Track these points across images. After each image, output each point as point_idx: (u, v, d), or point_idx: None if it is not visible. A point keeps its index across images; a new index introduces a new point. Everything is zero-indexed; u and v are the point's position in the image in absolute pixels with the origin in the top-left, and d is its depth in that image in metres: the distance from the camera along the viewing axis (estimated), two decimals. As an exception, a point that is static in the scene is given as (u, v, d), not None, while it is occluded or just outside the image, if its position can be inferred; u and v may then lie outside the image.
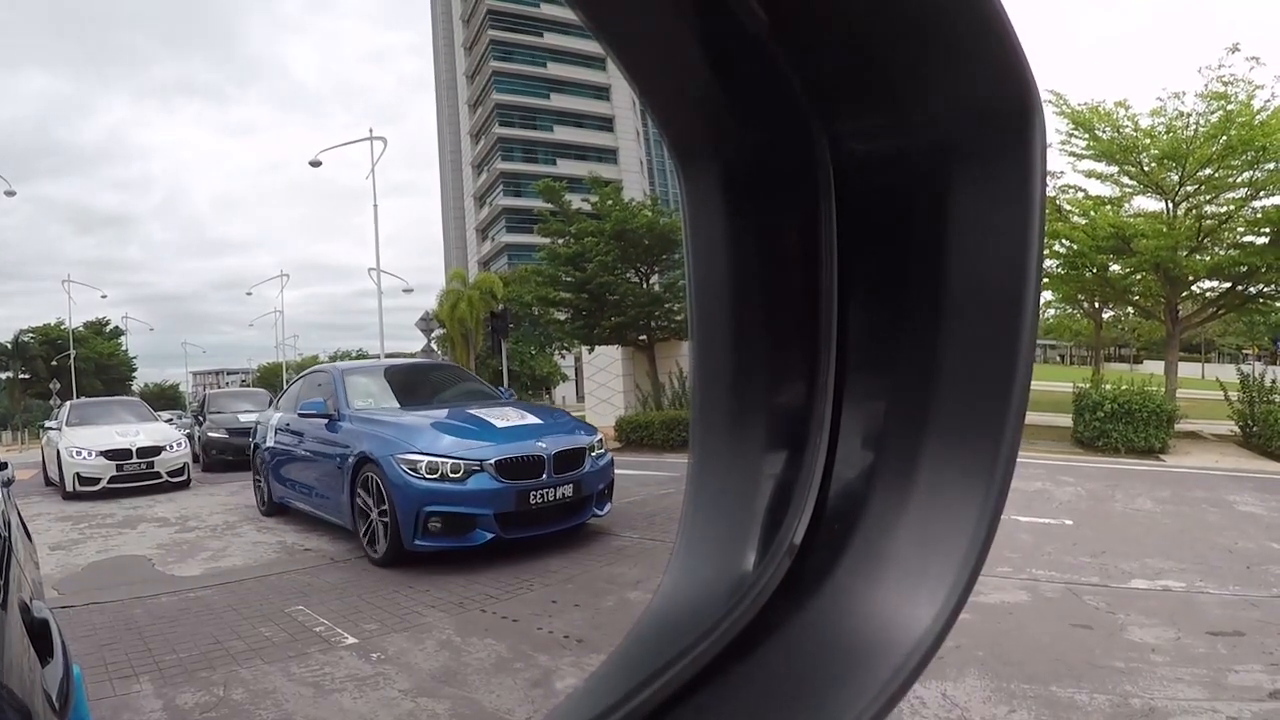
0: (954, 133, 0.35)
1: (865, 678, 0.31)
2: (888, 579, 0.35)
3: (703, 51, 0.38)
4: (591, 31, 0.35)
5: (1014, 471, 0.34)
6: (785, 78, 0.37)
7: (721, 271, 0.42)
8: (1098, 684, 2.80)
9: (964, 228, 0.35)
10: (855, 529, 0.38)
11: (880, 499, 0.38)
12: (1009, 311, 0.34)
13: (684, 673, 0.32)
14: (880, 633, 0.33)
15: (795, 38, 0.36)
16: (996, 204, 0.34)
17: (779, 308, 0.42)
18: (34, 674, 0.83)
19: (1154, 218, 15.78)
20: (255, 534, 7.24)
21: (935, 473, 0.36)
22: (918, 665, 0.32)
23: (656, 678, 0.31)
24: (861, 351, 0.40)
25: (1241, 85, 14.12)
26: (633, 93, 0.39)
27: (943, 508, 0.35)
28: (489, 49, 65.43)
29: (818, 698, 0.32)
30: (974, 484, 0.34)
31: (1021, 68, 0.32)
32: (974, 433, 0.35)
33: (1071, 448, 11.11)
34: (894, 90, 0.36)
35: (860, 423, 0.40)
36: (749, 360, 0.43)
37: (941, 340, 0.36)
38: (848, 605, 0.35)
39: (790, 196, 0.40)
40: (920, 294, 0.37)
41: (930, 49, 0.33)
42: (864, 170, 0.39)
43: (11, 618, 0.88)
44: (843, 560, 0.37)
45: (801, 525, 0.39)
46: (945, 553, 0.34)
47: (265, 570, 5.76)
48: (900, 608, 0.34)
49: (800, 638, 0.35)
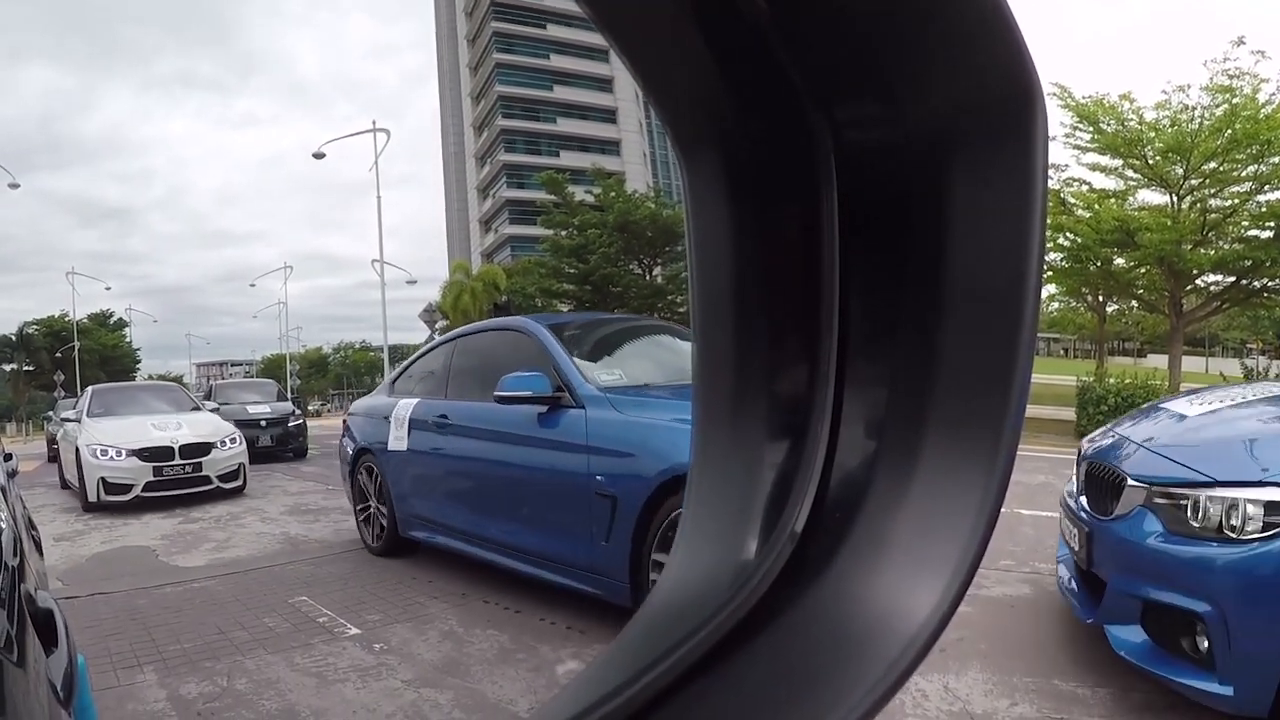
0: (955, 121, 0.35)
1: (866, 664, 0.32)
2: (889, 567, 0.35)
3: (704, 42, 0.38)
4: (594, 23, 0.35)
5: (1015, 462, 0.35)
6: (786, 67, 0.38)
7: (723, 260, 0.43)
8: (1100, 677, 2.81)
9: (965, 216, 0.35)
10: (857, 517, 0.38)
11: (881, 487, 0.38)
12: (1010, 300, 0.34)
13: (685, 659, 0.32)
14: (881, 620, 0.34)
15: (796, 27, 0.36)
16: (998, 192, 0.34)
17: (780, 296, 0.42)
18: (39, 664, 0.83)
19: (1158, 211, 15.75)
20: (259, 525, 7.28)
21: (936, 461, 0.36)
22: (919, 653, 0.32)
23: (657, 664, 0.31)
24: (863, 340, 0.40)
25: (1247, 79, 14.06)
26: (635, 84, 0.39)
27: (943, 497, 0.35)
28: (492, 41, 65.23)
29: (819, 683, 0.32)
30: (975, 473, 0.35)
31: (1022, 55, 0.32)
32: (975, 422, 0.35)
33: (1075, 441, 11.09)
34: (895, 79, 0.36)
35: (862, 411, 0.40)
36: (750, 349, 0.43)
37: (943, 328, 0.36)
38: (849, 592, 0.36)
39: (792, 185, 0.40)
40: (921, 281, 0.37)
41: (931, 36, 0.33)
42: (865, 159, 0.39)
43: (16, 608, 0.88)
44: (844, 548, 0.37)
45: (803, 512, 0.39)
46: (946, 542, 0.34)
47: (269, 561, 5.79)
48: (901, 595, 0.34)
49: (801, 624, 0.35)
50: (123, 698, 3.13)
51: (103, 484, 8.34)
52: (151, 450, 8.63)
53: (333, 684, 3.23)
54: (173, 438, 8.84)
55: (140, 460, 8.51)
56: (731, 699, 0.33)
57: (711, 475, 0.42)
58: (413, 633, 3.84)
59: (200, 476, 8.87)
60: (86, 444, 8.60)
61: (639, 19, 0.37)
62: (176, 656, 3.62)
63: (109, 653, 3.67)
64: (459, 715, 2.90)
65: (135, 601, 4.70)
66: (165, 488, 8.61)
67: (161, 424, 9.23)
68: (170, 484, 8.66)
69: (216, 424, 9.85)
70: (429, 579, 4.85)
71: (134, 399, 10.56)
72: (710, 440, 0.43)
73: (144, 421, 9.28)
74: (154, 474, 8.54)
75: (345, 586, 4.83)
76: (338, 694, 3.12)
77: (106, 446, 8.54)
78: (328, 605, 4.36)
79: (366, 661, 3.47)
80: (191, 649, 3.72)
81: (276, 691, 3.16)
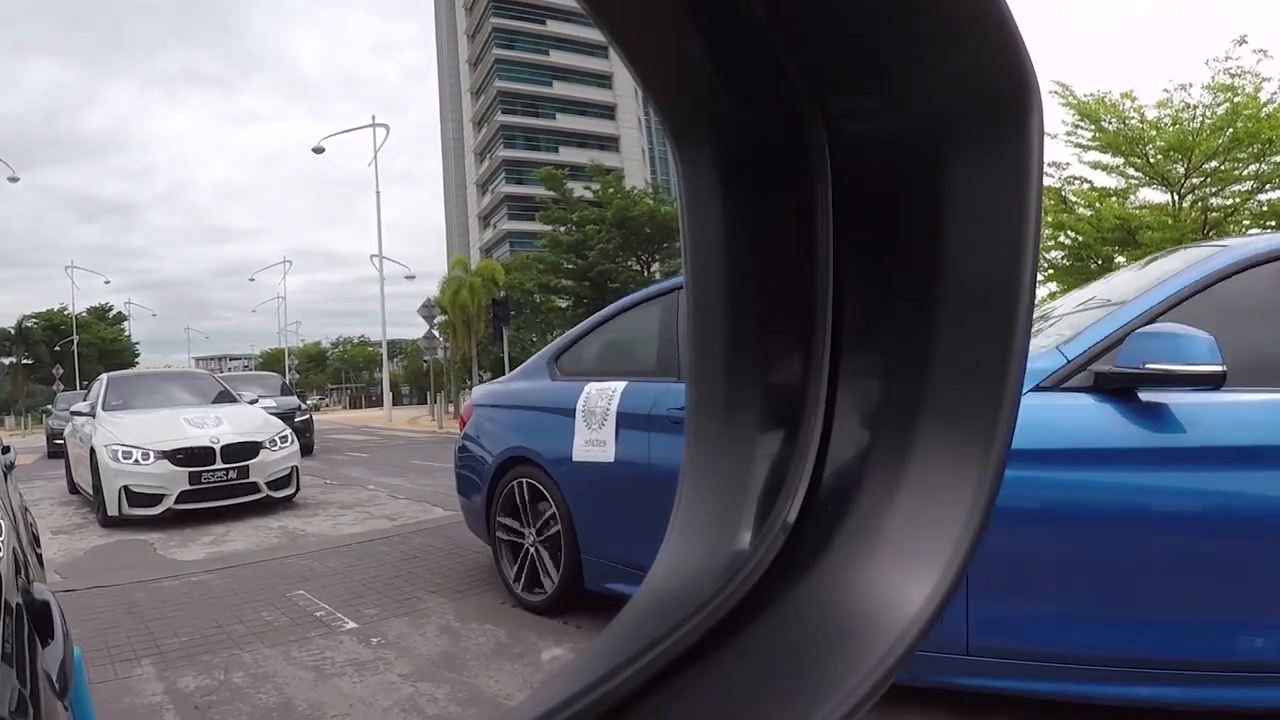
0: (950, 112, 0.35)
1: (857, 656, 0.32)
2: (881, 559, 0.36)
3: (699, 34, 0.38)
4: (589, 15, 0.35)
5: (1009, 454, 0.35)
6: (781, 60, 0.38)
7: (717, 253, 0.43)
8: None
9: (960, 209, 0.35)
10: (849, 509, 0.38)
11: (874, 479, 0.38)
12: (1005, 293, 0.34)
13: (672, 649, 0.32)
14: (872, 612, 0.34)
15: (790, 19, 0.36)
16: (993, 185, 0.34)
17: (774, 289, 0.42)
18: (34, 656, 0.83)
19: (1159, 210, 15.76)
20: (257, 519, 7.27)
21: (929, 454, 0.36)
22: (910, 645, 0.32)
23: (644, 654, 0.31)
24: (856, 332, 0.40)
25: (1248, 78, 14.05)
26: (631, 77, 0.39)
27: (936, 489, 0.35)
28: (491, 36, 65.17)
29: (809, 675, 0.32)
30: (968, 467, 0.35)
31: (1018, 48, 0.32)
32: (969, 415, 0.35)
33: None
34: (889, 70, 0.36)
35: (855, 403, 0.40)
36: (744, 340, 0.43)
37: (937, 322, 0.36)
38: (841, 583, 0.36)
39: (786, 178, 0.40)
40: (915, 274, 0.37)
41: (927, 29, 0.33)
42: (859, 151, 0.39)
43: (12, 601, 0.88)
44: (836, 539, 0.37)
45: (795, 504, 0.39)
46: (939, 534, 0.34)
47: (267, 555, 5.80)
48: (893, 588, 0.34)
49: (792, 615, 0.35)
50: (120, 691, 3.13)
51: (126, 494, 6.81)
52: (188, 452, 7.05)
53: (330, 678, 3.24)
54: (213, 436, 7.26)
55: (173, 465, 6.95)
56: (720, 689, 0.33)
57: (704, 466, 0.43)
58: (410, 627, 3.85)
59: (247, 484, 7.29)
60: (105, 444, 7.00)
61: (636, 13, 0.37)
62: (174, 650, 3.63)
63: (106, 646, 3.68)
64: (455, 709, 2.90)
65: (133, 595, 4.71)
66: (204, 498, 7.06)
67: (197, 419, 7.59)
68: (210, 493, 7.10)
69: (263, 419, 8.23)
70: (426, 574, 4.86)
71: (158, 389, 8.81)
72: (703, 431, 0.43)
73: (174, 417, 7.68)
74: (190, 481, 6.99)
75: (342, 581, 4.84)
76: (335, 688, 3.12)
77: (130, 447, 6.94)
78: (325, 599, 4.37)
79: (364, 655, 3.48)
80: (189, 642, 3.73)
81: (274, 685, 3.16)
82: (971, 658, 2.37)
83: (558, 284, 22.50)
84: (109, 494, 6.86)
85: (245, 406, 8.79)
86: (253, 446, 7.41)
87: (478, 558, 5.11)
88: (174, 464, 6.97)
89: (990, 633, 2.37)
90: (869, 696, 0.30)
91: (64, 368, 47.27)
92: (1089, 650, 2.33)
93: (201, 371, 12.23)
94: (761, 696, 0.32)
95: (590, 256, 19.85)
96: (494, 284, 28.66)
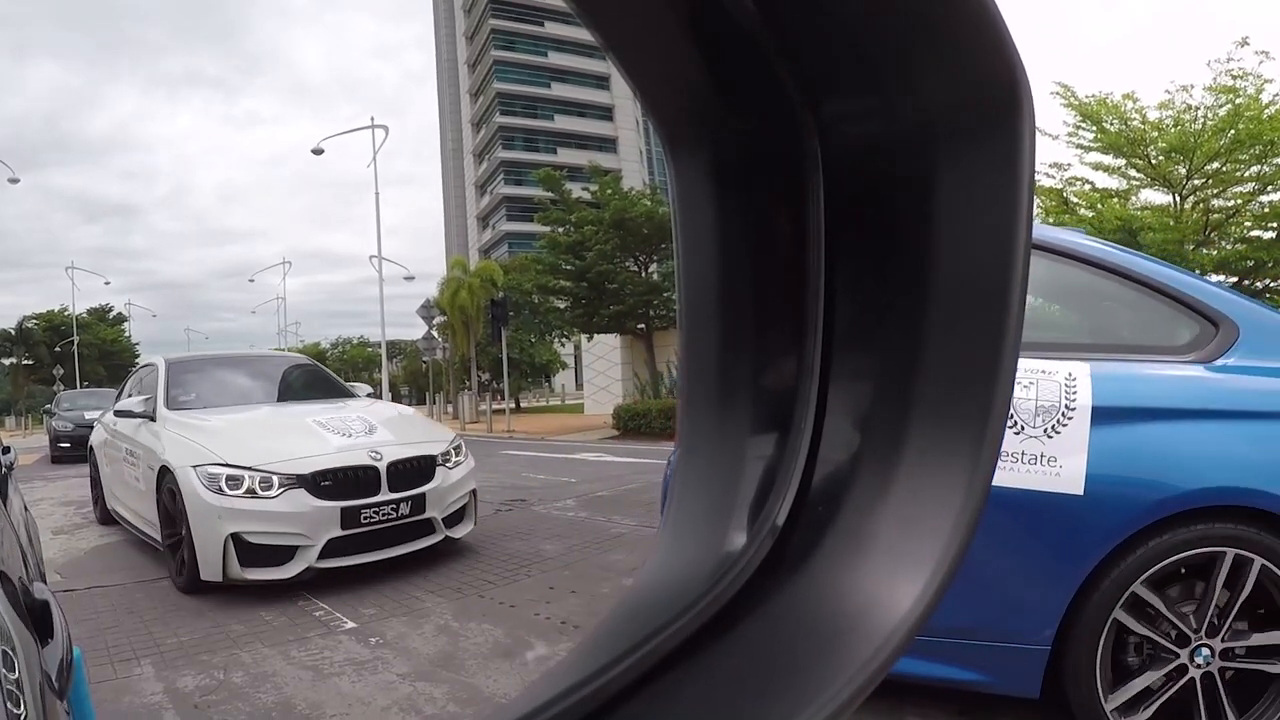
0: (942, 114, 0.35)
1: (844, 655, 0.32)
2: (870, 560, 0.36)
3: (691, 39, 0.38)
4: (580, 19, 0.35)
5: (999, 456, 0.35)
6: (773, 64, 0.38)
7: (710, 255, 0.43)
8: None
9: (952, 210, 0.36)
10: (839, 510, 0.38)
11: (864, 481, 0.38)
12: (996, 295, 0.34)
13: (661, 648, 0.32)
14: (861, 613, 0.34)
15: (783, 23, 0.36)
16: (985, 187, 0.34)
17: (766, 291, 0.43)
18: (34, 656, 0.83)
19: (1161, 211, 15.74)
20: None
21: (920, 456, 0.36)
22: (898, 647, 0.32)
23: (633, 652, 0.31)
24: (848, 334, 0.40)
25: (1250, 79, 14.03)
26: (626, 83, 0.40)
27: (926, 491, 0.35)
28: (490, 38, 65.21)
29: (797, 675, 0.32)
30: (958, 468, 0.35)
31: (1009, 51, 0.32)
32: (959, 417, 0.35)
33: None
34: (881, 74, 0.36)
35: (846, 405, 0.40)
36: (736, 342, 0.43)
37: (928, 323, 0.37)
38: (829, 584, 0.36)
39: (778, 180, 0.41)
40: (907, 276, 0.37)
41: (918, 33, 0.33)
42: (851, 154, 0.39)
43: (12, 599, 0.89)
44: (825, 541, 0.37)
45: (785, 506, 0.39)
46: (927, 536, 0.34)
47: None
48: (882, 589, 0.34)
49: (780, 616, 0.36)
50: (120, 690, 3.13)
51: (237, 546, 4.24)
52: (337, 475, 4.46)
53: (329, 677, 3.24)
54: (372, 449, 4.62)
55: (315, 497, 4.37)
56: (708, 687, 0.33)
57: (696, 466, 0.43)
58: (408, 627, 3.85)
59: (421, 522, 4.75)
60: (194, 463, 4.39)
61: (630, 20, 0.37)
62: (173, 650, 3.63)
63: (107, 645, 3.68)
64: (453, 709, 2.91)
65: (133, 595, 4.71)
66: (362, 548, 4.52)
67: (336, 422, 4.89)
68: (371, 539, 4.54)
69: (425, 423, 5.80)
70: (425, 574, 4.86)
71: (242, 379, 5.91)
72: (695, 432, 0.43)
73: (301, 418, 5.03)
74: (345, 523, 4.41)
75: (342, 580, 4.84)
76: (333, 687, 3.13)
77: (240, 469, 4.32)
78: (324, 599, 4.36)
79: (362, 655, 3.48)
80: (188, 642, 3.73)
81: (273, 684, 3.16)
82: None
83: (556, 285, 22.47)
84: (206, 545, 4.28)
85: (384, 404, 6.34)
86: (426, 464, 4.82)
87: (476, 557, 5.11)
88: (316, 495, 4.38)
89: None
90: (856, 695, 0.31)
91: (64, 368, 47.29)
92: None
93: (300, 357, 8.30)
94: (750, 695, 0.32)
95: (588, 257, 19.83)
96: (493, 285, 28.67)
